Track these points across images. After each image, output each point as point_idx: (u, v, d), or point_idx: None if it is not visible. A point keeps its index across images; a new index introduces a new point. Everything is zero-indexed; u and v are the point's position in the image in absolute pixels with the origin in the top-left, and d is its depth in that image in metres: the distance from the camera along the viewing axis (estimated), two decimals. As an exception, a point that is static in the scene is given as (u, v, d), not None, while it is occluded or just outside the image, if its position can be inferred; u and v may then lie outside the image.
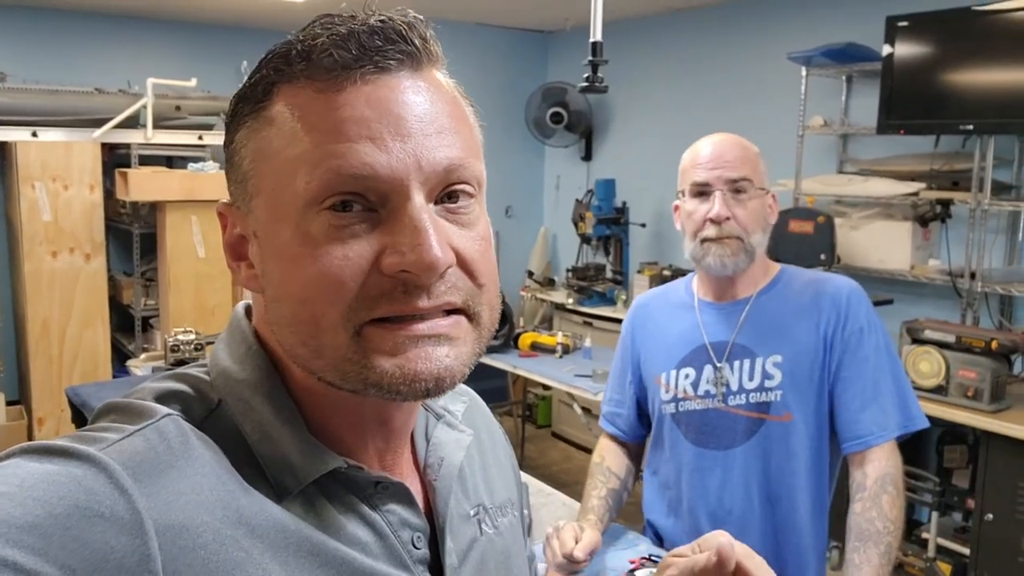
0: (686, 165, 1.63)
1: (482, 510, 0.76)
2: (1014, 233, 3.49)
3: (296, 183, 0.57)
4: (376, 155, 0.56)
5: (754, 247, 1.59)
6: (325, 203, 0.57)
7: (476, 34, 5.63)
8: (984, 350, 2.89)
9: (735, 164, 1.58)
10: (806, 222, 3.67)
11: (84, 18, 4.80)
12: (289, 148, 0.58)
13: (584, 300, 4.92)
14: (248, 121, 0.61)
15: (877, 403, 1.55)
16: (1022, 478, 2.77)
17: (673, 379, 1.68)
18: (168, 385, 0.62)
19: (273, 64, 0.60)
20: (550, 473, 4.61)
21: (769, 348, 1.59)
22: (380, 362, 0.57)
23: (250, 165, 0.61)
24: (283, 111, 0.59)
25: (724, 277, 1.63)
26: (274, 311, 0.61)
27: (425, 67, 0.61)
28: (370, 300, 0.57)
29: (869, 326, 1.59)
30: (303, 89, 0.58)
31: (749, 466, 1.59)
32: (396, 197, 0.57)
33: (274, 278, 0.60)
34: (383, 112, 0.57)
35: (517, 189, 5.92)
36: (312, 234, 0.57)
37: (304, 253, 0.57)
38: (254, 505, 0.57)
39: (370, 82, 0.58)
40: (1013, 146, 3.42)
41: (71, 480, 0.50)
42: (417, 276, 0.56)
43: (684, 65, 4.98)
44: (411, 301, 0.57)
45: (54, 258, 4.20)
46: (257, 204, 0.61)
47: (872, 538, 1.48)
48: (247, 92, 0.61)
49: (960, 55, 3.27)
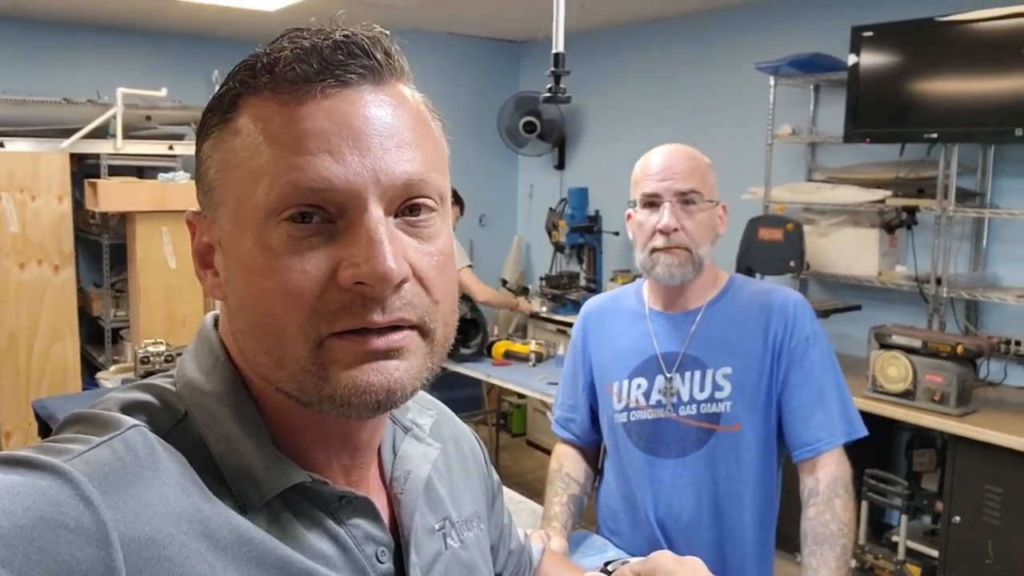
0: (637, 176, 1.65)
1: (448, 524, 0.76)
2: (978, 239, 3.55)
3: (257, 194, 0.58)
4: (334, 168, 0.57)
5: (702, 258, 1.62)
6: (284, 214, 0.57)
7: (449, 44, 5.65)
8: (950, 355, 2.94)
9: (684, 176, 1.59)
10: (775, 229, 3.71)
11: (53, 27, 4.75)
12: (252, 159, 0.59)
13: (558, 308, 4.94)
14: (215, 131, 0.61)
15: (823, 411, 1.59)
16: (989, 481, 2.82)
17: (626, 389, 1.70)
18: (134, 396, 0.62)
19: (240, 76, 0.60)
20: (524, 482, 4.61)
21: (719, 360, 1.63)
22: (335, 374, 0.58)
23: (216, 175, 0.61)
24: (247, 123, 0.59)
25: (673, 287, 1.66)
26: (237, 320, 0.61)
27: (388, 81, 0.61)
28: (329, 314, 0.57)
29: (814, 336, 1.63)
30: (267, 102, 0.59)
31: (699, 475, 1.62)
32: (353, 210, 0.58)
33: (237, 287, 0.61)
34: (342, 126, 0.58)
35: (490, 198, 5.93)
36: (272, 245, 0.58)
37: (265, 264, 0.58)
38: (219, 517, 0.57)
39: (331, 96, 0.58)
40: (977, 154, 3.48)
41: (36, 492, 0.50)
42: (372, 288, 0.57)
43: (655, 75, 5.02)
44: (366, 315, 0.57)
45: (21, 269, 4.15)
46: (222, 213, 0.61)
47: (828, 541, 1.51)
48: (215, 103, 0.62)
49: (924, 65, 3.33)
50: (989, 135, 3.23)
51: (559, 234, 5.07)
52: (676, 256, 1.59)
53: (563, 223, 5.04)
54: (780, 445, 1.66)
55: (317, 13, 0.62)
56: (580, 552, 1.73)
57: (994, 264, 3.54)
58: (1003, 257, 3.51)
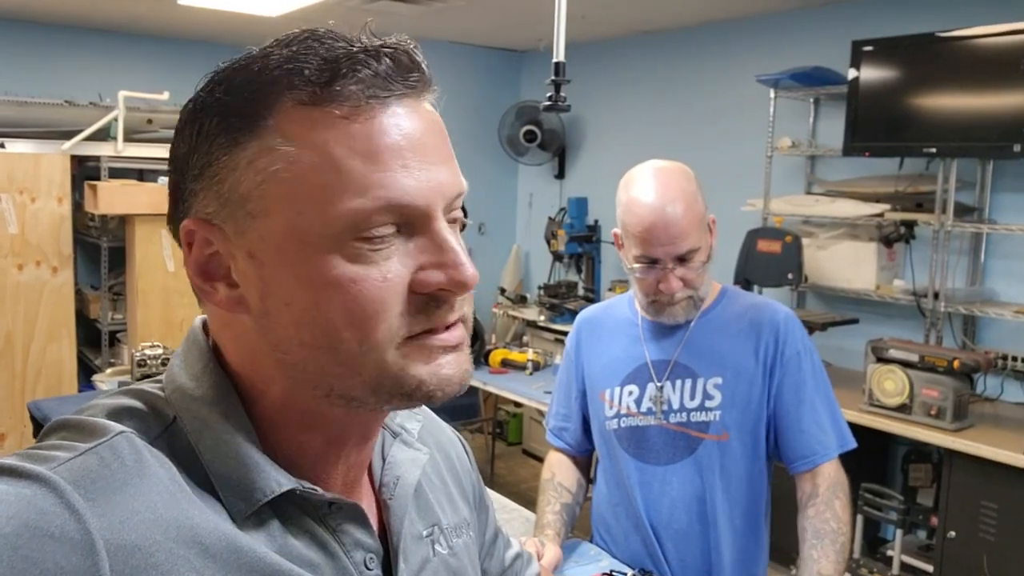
0: (631, 226, 1.57)
1: (437, 530, 0.76)
2: (976, 254, 3.55)
3: (332, 209, 0.57)
4: (411, 184, 0.59)
5: (703, 296, 1.65)
6: (367, 232, 0.58)
7: (451, 53, 5.66)
8: (947, 369, 2.94)
9: (682, 238, 1.53)
10: (774, 241, 3.72)
11: (56, 30, 4.76)
12: (318, 174, 0.57)
13: (556, 317, 4.94)
14: (242, 138, 0.58)
15: (817, 423, 1.62)
16: (984, 497, 2.81)
17: (617, 396, 1.71)
18: (121, 401, 0.61)
19: (276, 82, 0.58)
20: (519, 491, 4.60)
21: (710, 370, 1.64)
22: (417, 372, 0.60)
23: (253, 185, 0.58)
24: (303, 133, 0.57)
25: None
26: (288, 334, 0.59)
27: (429, 92, 0.63)
28: (408, 317, 0.60)
29: (805, 350, 1.65)
30: (325, 113, 0.57)
31: (687, 482, 1.63)
32: (424, 220, 0.60)
33: (296, 302, 0.59)
34: (412, 140, 0.59)
35: (490, 206, 5.94)
36: (349, 258, 0.58)
37: (342, 276, 0.58)
38: (208, 524, 0.57)
39: (398, 110, 0.59)
40: (975, 169, 3.49)
41: (20, 500, 0.50)
42: (453, 293, 0.61)
43: (656, 86, 5.04)
44: (444, 316, 0.61)
45: (20, 271, 4.14)
46: (261, 225, 0.58)
47: (828, 536, 1.54)
48: (237, 106, 0.58)
49: (924, 79, 3.34)
50: (988, 150, 3.24)
51: (558, 243, 5.08)
52: (679, 305, 1.62)
53: (562, 232, 5.05)
54: (769, 457, 1.67)
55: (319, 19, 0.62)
56: (574, 561, 1.73)
57: (992, 279, 3.54)
58: (1001, 272, 3.52)
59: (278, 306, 0.59)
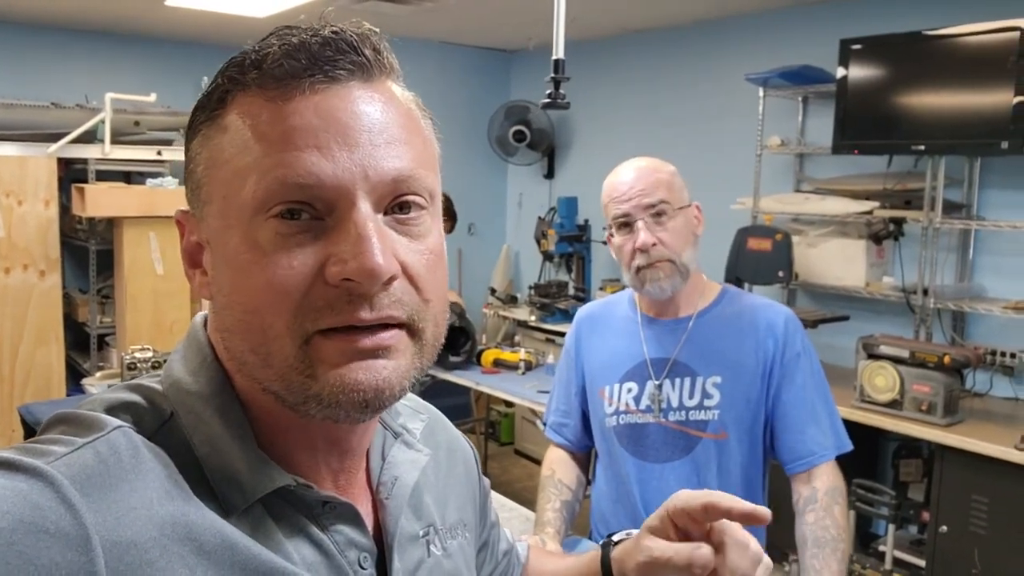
0: (605, 200, 1.67)
1: (432, 531, 0.76)
2: (965, 251, 3.58)
3: (244, 191, 0.57)
4: (322, 164, 0.56)
5: (686, 264, 1.64)
6: (272, 211, 0.57)
7: (440, 52, 5.65)
8: (937, 365, 2.95)
9: (650, 190, 1.61)
10: (764, 240, 3.73)
11: (41, 31, 4.73)
12: (239, 156, 0.58)
13: (546, 317, 4.93)
14: (203, 129, 0.61)
15: (816, 425, 1.63)
16: (975, 491, 2.83)
17: (617, 393, 1.72)
18: (120, 396, 0.61)
19: (228, 73, 0.60)
20: (513, 491, 4.59)
21: (710, 369, 1.65)
22: (323, 372, 0.57)
23: (203, 172, 0.61)
24: (235, 120, 0.59)
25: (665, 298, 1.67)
26: (224, 318, 0.61)
27: (377, 78, 0.61)
28: (315, 310, 0.57)
29: (805, 351, 1.66)
30: (254, 98, 0.59)
31: (684, 480, 1.63)
32: (342, 206, 0.57)
33: (224, 285, 0.60)
34: (331, 121, 0.57)
35: (480, 207, 5.93)
36: (259, 242, 0.57)
37: (251, 261, 0.57)
38: (203, 521, 0.56)
39: (319, 92, 0.58)
40: (963, 166, 3.51)
41: (16, 494, 0.49)
42: (359, 284, 0.56)
43: (645, 85, 5.05)
44: (354, 312, 0.57)
45: (7, 274, 4.11)
46: (209, 211, 0.61)
47: (829, 544, 1.54)
48: (204, 101, 0.62)
49: (911, 78, 3.36)
50: (975, 148, 3.26)
51: (548, 243, 5.08)
52: (660, 270, 1.62)
53: (552, 232, 5.05)
54: (766, 456, 1.68)
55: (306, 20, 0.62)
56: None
57: (980, 275, 3.57)
58: (989, 268, 3.54)
59: (218, 291, 0.61)
